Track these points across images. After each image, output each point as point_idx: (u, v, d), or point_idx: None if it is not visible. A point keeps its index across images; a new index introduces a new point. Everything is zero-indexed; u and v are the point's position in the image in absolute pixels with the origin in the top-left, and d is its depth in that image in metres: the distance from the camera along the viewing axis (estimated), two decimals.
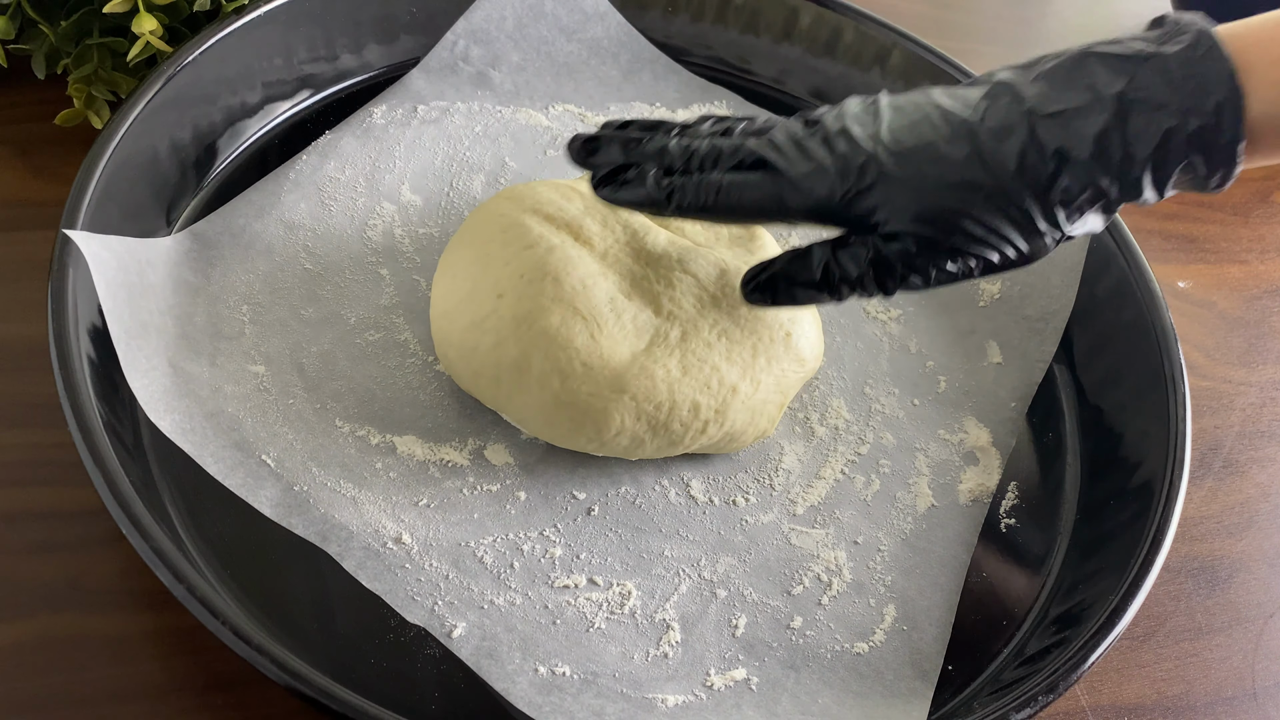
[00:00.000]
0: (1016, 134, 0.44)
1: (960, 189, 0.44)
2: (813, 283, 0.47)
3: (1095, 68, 0.43)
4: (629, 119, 0.52)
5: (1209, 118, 0.42)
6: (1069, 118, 0.43)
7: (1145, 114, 0.42)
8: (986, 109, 0.45)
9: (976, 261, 0.45)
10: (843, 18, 0.69)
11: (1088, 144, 0.43)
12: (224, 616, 0.40)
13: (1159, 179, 0.43)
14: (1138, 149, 0.43)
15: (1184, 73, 0.42)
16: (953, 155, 0.44)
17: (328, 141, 0.61)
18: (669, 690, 0.46)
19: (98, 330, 0.48)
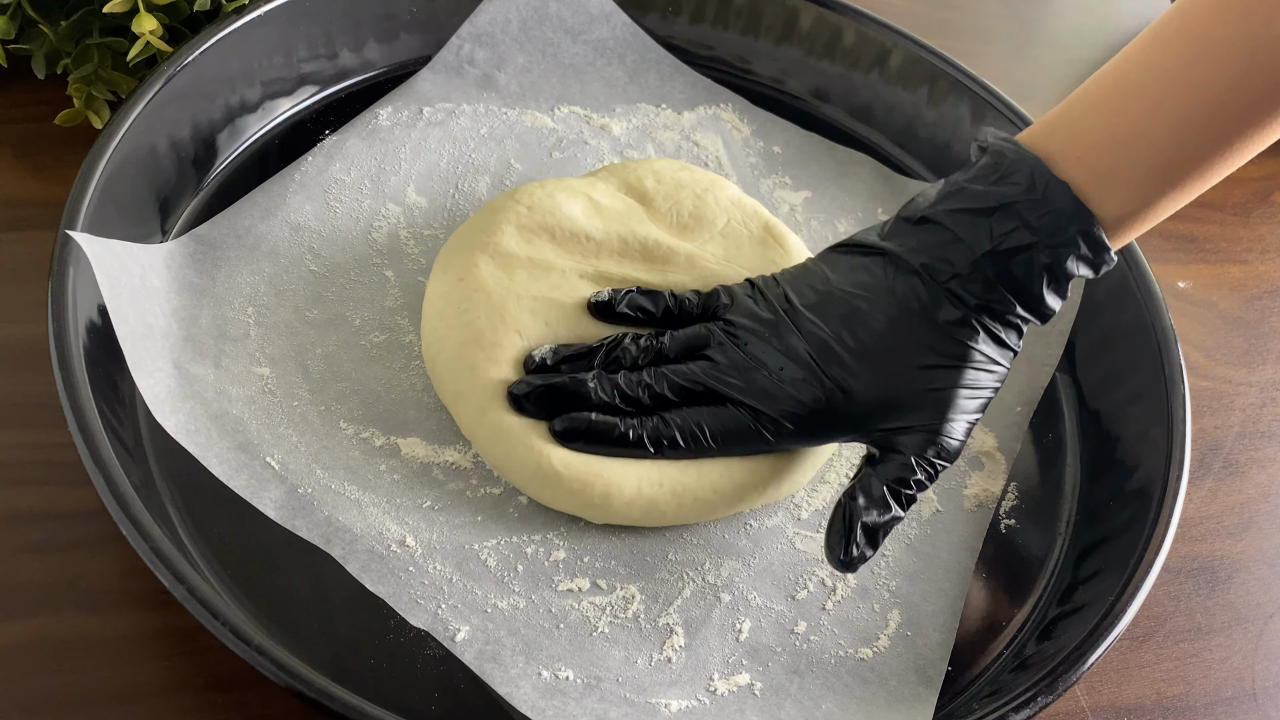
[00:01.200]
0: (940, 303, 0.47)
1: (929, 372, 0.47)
2: (895, 516, 0.47)
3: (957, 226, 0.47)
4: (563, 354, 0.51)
5: (1075, 246, 0.46)
6: (965, 280, 0.47)
7: (1021, 257, 0.46)
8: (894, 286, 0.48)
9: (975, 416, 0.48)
10: (843, 18, 0.69)
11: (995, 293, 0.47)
12: (224, 617, 0.40)
13: (1058, 290, 0.47)
14: (1030, 286, 0.47)
15: (1034, 213, 0.46)
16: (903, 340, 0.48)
17: (333, 143, 0.61)
18: (672, 695, 0.46)
19: (98, 330, 0.48)
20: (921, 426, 0.47)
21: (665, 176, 0.58)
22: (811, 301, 0.49)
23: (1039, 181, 0.46)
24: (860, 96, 0.70)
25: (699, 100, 0.69)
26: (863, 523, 0.46)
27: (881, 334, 0.48)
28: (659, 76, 0.69)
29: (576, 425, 0.49)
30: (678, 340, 0.51)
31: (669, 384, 0.49)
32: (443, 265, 0.54)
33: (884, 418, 0.48)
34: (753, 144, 0.68)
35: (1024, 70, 0.84)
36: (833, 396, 0.48)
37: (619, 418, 0.49)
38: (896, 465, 0.47)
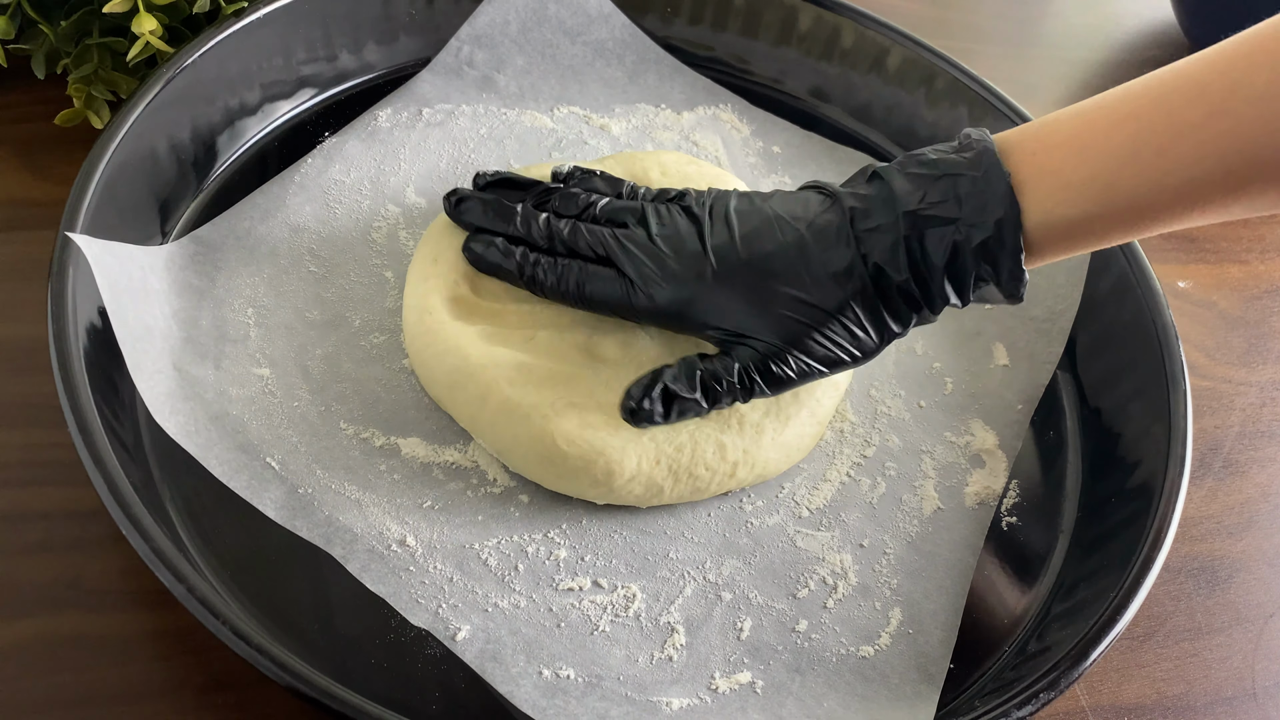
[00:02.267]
0: (839, 246, 0.48)
1: (797, 303, 0.48)
2: (692, 397, 0.49)
3: (900, 183, 0.47)
4: (505, 176, 0.55)
5: (990, 231, 0.46)
6: (878, 233, 0.47)
7: (937, 229, 0.46)
8: (815, 219, 0.49)
9: (816, 365, 0.49)
10: (842, 18, 0.69)
11: (896, 257, 0.47)
12: (224, 617, 0.40)
13: (958, 286, 0.47)
14: (934, 260, 0.47)
15: (969, 190, 0.46)
16: (788, 269, 0.48)
17: (333, 144, 0.61)
18: (673, 693, 0.46)
19: (97, 330, 0.48)
20: (760, 345, 0.49)
21: (672, 169, 0.59)
22: (740, 209, 0.50)
23: (984, 163, 0.46)
24: (860, 97, 0.70)
25: (698, 100, 0.69)
26: (664, 385, 0.49)
27: (775, 252, 0.48)
28: (658, 77, 0.69)
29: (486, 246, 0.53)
30: (610, 207, 0.52)
31: (578, 238, 0.51)
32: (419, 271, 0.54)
33: (737, 323, 0.49)
34: (752, 144, 0.68)
35: (1024, 70, 0.85)
36: (700, 289, 0.49)
37: (521, 249, 0.52)
38: (720, 363, 0.49)
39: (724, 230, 0.50)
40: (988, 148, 0.47)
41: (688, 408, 0.49)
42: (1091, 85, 0.84)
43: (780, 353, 0.49)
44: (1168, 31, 0.89)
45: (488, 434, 0.51)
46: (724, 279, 0.49)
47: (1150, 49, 0.88)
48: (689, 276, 0.49)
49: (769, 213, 0.50)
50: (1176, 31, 0.89)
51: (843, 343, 0.49)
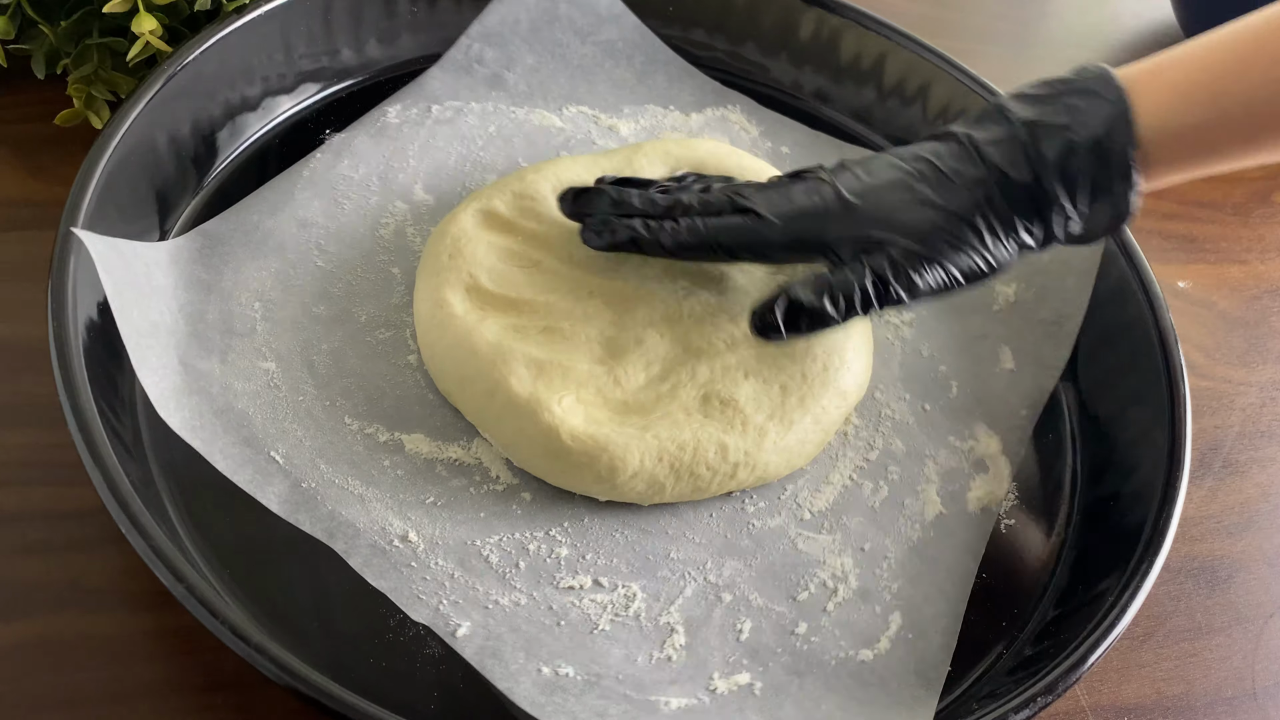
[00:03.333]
0: (964, 160, 0.49)
1: (927, 206, 0.49)
2: (821, 307, 0.49)
3: (1014, 104, 0.50)
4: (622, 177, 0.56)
5: (1101, 129, 0.47)
6: (998, 144, 0.49)
7: (1052, 134, 0.48)
8: (935, 147, 0.50)
9: (954, 270, 0.49)
10: (843, 19, 0.69)
11: (1016, 160, 0.48)
12: (223, 616, 0.40)
13: (1071, 188, 0.48)
14: (1048, 158, 0.48)
15: (1082, 100, 0.48)
16: (915, 182, 0.49)
17: (341, 140, 0.61)
18: (672, 693, 0.46)
19: (98, 328, 0.48)
20: (895, 249, 0.49)
21: (710, 162, 0.60)
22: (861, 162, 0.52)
23: (1100, 79, 0.48)
24: (861, 99, 0.70)
25: (707, 102, 0.69)
26: (790, 295, 0.49)
27: (899, 176, 0.50)
28: (667, 78, 0.69)
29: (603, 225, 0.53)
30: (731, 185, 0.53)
31: (698, 200, 0.52)
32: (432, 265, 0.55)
33: (869, 229, 0.49)
34: (761, 145, 0.68)
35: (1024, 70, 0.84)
36: (831, 208, 0.50)
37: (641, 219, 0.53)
38: (851, 271, 0.49)
39: (849, 175, 0.51)
40: (1103, 69, 0.49)
41: (817, 317, 0.49)
42: None
43: (916, 256, 0.49)
44: (1168, 31, 0.89)
45: (494, 428, 0.51)
46: (853, 200, 0.50)
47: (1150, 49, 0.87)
48: (817, 201, 0.50)
49: (886, 155, 0.51)
50: (1177, 31, 0.88)
51: (977, 247, 0.49)
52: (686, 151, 0.60)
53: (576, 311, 0.54)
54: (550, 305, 0.54)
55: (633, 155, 0.59)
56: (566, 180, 0.57)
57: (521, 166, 0.63)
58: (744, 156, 0.61)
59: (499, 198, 0.57)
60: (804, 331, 0.50)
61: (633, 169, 0.59)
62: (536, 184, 0.57)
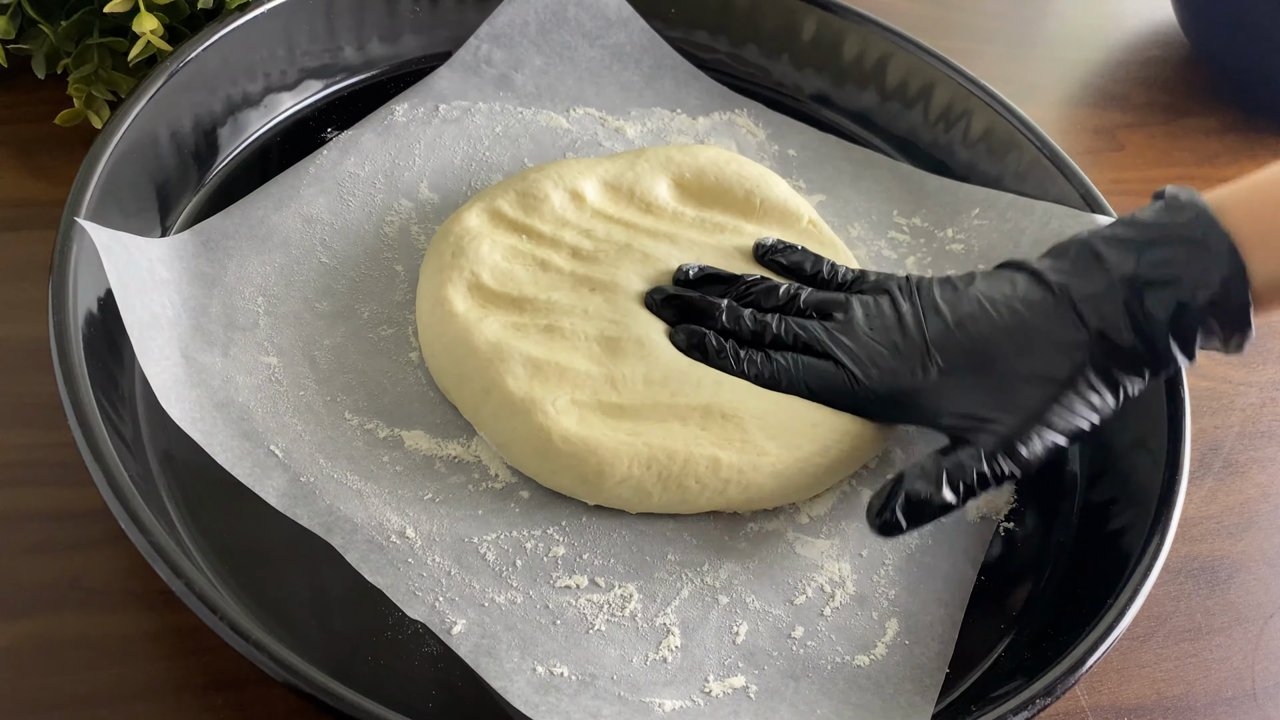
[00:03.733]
0: (1060, 318, 0.48)
1: (1028, 380, 0.48)
2: (941, 498, 0.47)
3: (1109, 251, 0.48)
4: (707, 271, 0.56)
5: (1217, 289, 0.46)
6: (1097, 299, 0.47)
7: (1159, 291, 0.47)
8: (1027, 296, 0.49)
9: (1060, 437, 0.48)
10: (844, 21, 0.69)
11: (1118, 321, 0.47)
12: (222, 613, 0.40)
13: (1184, 344, 0.47)
14: (1158, 319, 0.47)
15: (1189, 251, 0.46)
16: (1012, 345, 0.49)
17: (348, 137, 0.61)
18: (666, 695, 0.46)
19: (99, 327, 0.48)
20: (1001, 427, 0.48)
21: (709, 171, 0.60)
22: (947, 297, 0.51)
23: (1202, 225, 0.46)
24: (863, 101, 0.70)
25: (714, 106, 0.69)
26: (907, 491, 0.47)
27: (995, 334, 0.49)
28: (675, 82, 0.69)
29: (693, 337, 0.53)
30: (813, 298, 0.54)
31: (788, 331, 0.53)
32: (435, 263, 0.55)
33: (969, 408, 0.49)
34: (767, 148, 0.68)
35: (1024, 71, 0.84)
36: (929, 377, 0.49)
37: (731, 342, 0.53)
38: (963, 454, 0.48)
39: (936, 319, 0.50)
40: (1202, 209, 0.47)
41: (938, 507, 0.48)
42: (1091, 85, 0.84)
43: (1022, 430, 0.48)
44: (1168, 31, 0.89)
45: (489, 426, 0.51)
46: (947, 366, 0.49)
47: (1150, 49, 0.88)
48: (909, 367, 0.50)
49: (977, 296, 0.50)
50: (1176, 31, 0.88)
51: (1081, 410, 0.48)
52: (688, 158, 0.60)
53: (578, 310, 0.54)
54: (552, 303, 0.54)
55: (634, 160, 0.59)
56: (570, 180, 0.58)
57: (527, 167, 0.63)
58: (744, 164, 0.61)
59: (503, 197, 0.57)
60: (927, 523, 0.48)
61: (634, 174, 0.59)
62: (540, 183, 0.57)
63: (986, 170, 0.66)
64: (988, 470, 0.48)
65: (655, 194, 0.59)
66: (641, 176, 0.59)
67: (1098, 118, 0.81)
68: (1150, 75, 0.86)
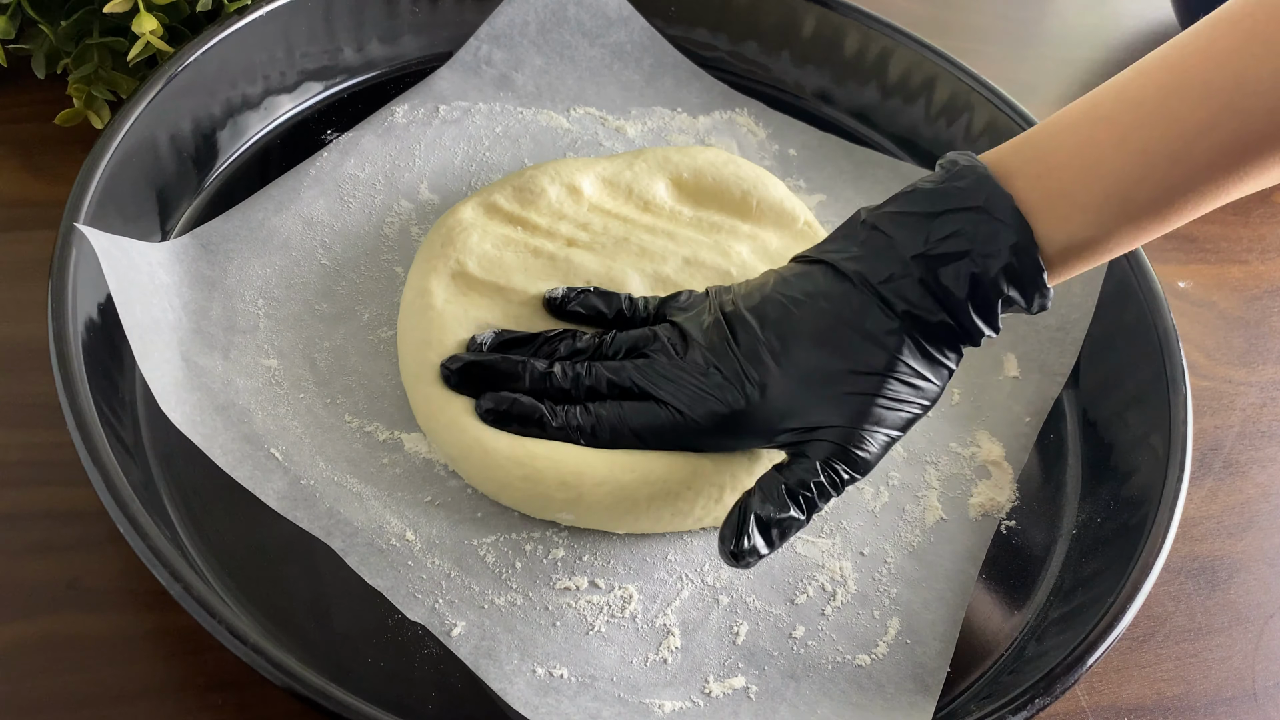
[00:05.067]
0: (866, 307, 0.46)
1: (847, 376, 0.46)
2: (788, 516, 0.46)
3: (895, 230, 0.46)
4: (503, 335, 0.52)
5: (1007, 258, 0.45)
6: (895, 281, 0.46)
7: (951, 265, 0.45)
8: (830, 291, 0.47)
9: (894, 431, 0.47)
10: (845, 19, 0.69)
11: (924, 299, 0.46)
12: (221, 617, 0.40)
13: (986, 315, 0.46)
14: (956, 295, 0.45)
15: (973, 221, 0.45)
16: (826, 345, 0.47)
17: (348, 139, 0.61)
18: (666, 696, 0.46)
19: (98, 329, 0.48)
20: (832, 434, 0.46)
21: (707, 173, 0.60)
22: (753, 306, 0.49)
23: (984, 191, 0.45)
24: (864, 98, 0.70)
25: (715, 105, 0.69)
26: (756, 515, 0.45)
27: (806, 339, 0.47)
28: (675, 81, 0.69)
29: (499, 404, 0.49)
30: (621, 339, 0.51)
31: (600, 377, 0.50)
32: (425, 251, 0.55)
33: (797, 421, 0.47)
34: (768, 147, 0.68)
35: (1024, 70, 0.84)
36: (751, 399, 0.47)
37: (545, 402, 0.50)
38: (799, 468, 0.46)
39: (745, 333, 0.48)
40: (982, 174, 0.46)
41: (787, 526, 0.46)
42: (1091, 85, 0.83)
43: (853, 433, 0.46)
44: (1168, 31, 0.89)
45: (442, 437, 0.50)
46: (765, 380, 0.47)
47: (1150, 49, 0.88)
48: (730, 388, 0.48)
49: (779, 300, 0.48)
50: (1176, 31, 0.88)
51: (908, 396, 0.47)
52: (686, 159, 0.60)
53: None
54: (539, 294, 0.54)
55: (633, 160, 0.59)
56: (568, 177, 0.58)
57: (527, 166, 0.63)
58: (742, 165, 0.61)
59: (500, 193, 0.57)
60: (779, 545, 0.46)
61: (632, 173, 0.59)
62: (538, 179, 0.57)
63: None
64: (825, 480, 0.46)
65: (653, 193, 0.59)
66: (640, 175, 0.59)
67: None
68: None
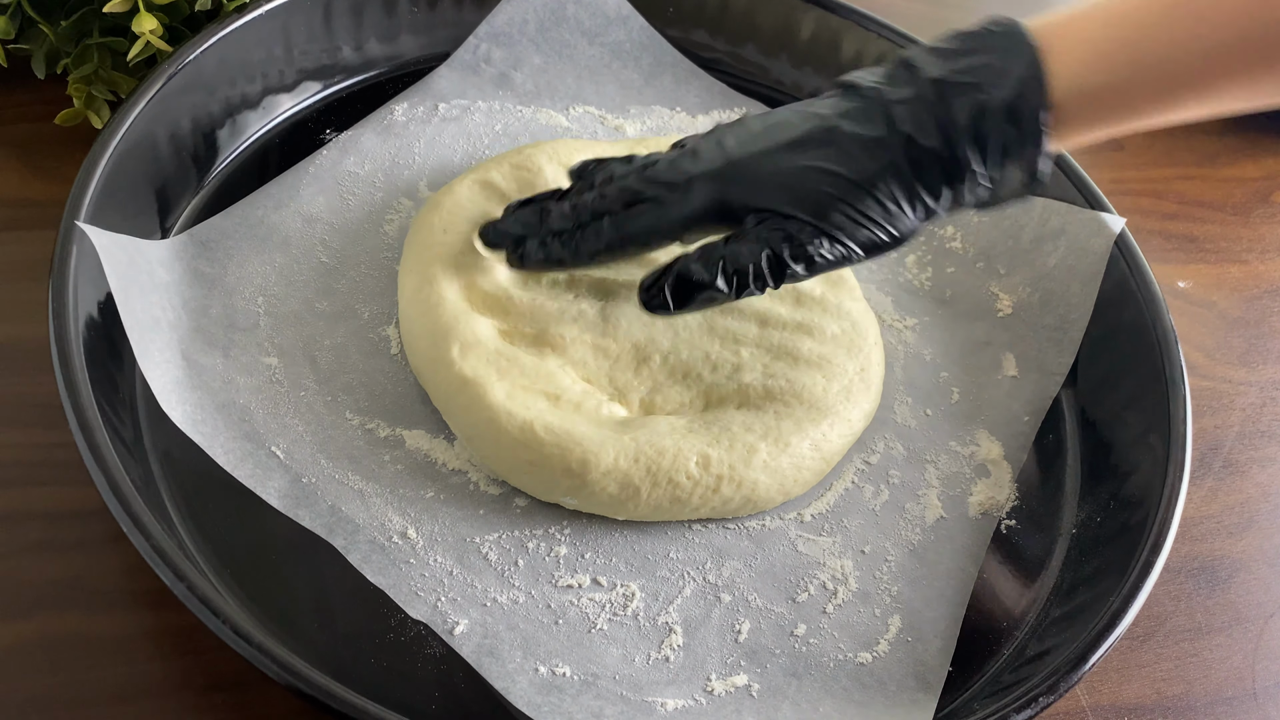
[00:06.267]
0: (868, 119, 0.47)
1: (825, 175, 0.47)
2: (710, 281, 0.47)
3: (924, 57, 0.47)
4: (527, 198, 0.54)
5: (1013, 89, 0.45)
6: (906, 103, 0.46)
7: (962, 94, 0.46)
8: (837, 104, 0.48)
9: (851, 244, 0.47)
10: (844, 20, 0.69)
11: (924, 123, 0.46)
12: (224, 615, 0.40)
13: (983, 150, 0.46)
14: (959, 121, 0.46)
15: (994, 57, 0.46)
16: (813, 145, 0.47)
17: (348, 137, 0.61)
18: (669, 694, 0.46)
19: (98, 328, 0.48)
20: (789, 223, 0.47)
21: None
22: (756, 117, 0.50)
23: (1012, 35, 0.46)
24: None
25: (714, 105, 0.69)
26: (679, 270, 0.47)
27: (796, 135, 0.48)
28: (674, 80, 0.69)
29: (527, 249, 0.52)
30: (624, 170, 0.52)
31: (604, 199, 0.51)
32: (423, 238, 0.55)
33: (762, 201, 0.47)
34: None
35: None
36: (728, 176, 0.48)
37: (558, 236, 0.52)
38: (743, 245, 0.47)
39: (740, 127, 0.49)
40: (1015, 22, 0.47)
41: (708, 293, 0.47)
42: None
43: (811, 228, 0.47)
44: None
45: (459, 416, 0.51)
46: (750, 166, 0.48)
47: None
48: (712, 170, 0.48)
49: (785, 111, 0.49)
50: None
51: (877, 219, 0.47)
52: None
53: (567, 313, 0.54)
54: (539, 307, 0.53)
55: (634, 147, 0.59)
56: (566, 157, 0.58)
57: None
58: None
59: (497, 169, 0.57)
60: (695, 307, 0.48)
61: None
62: (535, 157, 0.57)
63: None
64: (765, 265, 0.47)
65: None
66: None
67: None
68: None
